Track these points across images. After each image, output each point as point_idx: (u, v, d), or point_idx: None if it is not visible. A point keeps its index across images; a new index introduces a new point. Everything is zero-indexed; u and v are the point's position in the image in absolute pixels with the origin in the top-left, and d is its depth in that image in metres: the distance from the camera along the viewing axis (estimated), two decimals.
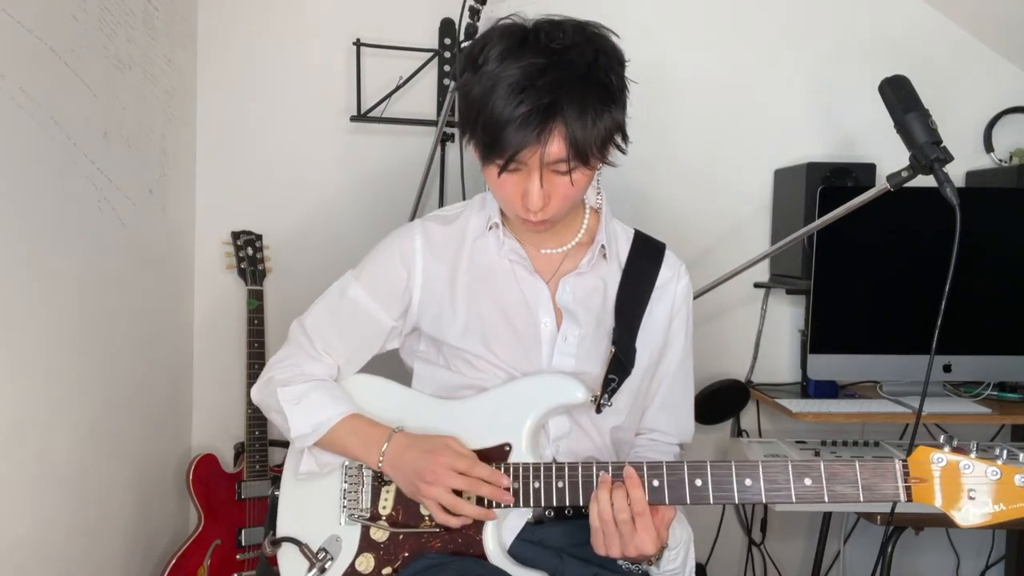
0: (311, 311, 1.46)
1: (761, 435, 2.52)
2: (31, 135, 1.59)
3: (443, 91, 2.36)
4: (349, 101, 2.37)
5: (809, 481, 1.17)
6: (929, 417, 2.13)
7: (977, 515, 1.10)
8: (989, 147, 2.51)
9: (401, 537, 1.33)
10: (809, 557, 2.48)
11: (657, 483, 1.21)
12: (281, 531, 1.41)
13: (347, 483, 1.38)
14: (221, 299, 2.40)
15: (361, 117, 2.32)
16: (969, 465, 1.11)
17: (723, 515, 2.54)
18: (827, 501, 1.16)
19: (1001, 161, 2.50)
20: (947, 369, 2.19)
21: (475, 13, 2.05)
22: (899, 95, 1.60)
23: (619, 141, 1.26)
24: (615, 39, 1.24)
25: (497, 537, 1.30)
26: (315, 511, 1.39)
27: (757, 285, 2.50)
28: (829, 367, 2.24)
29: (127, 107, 1.96)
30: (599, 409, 1.33)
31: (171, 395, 2.31)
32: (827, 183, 2.24)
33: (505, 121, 1.16)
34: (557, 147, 1.18)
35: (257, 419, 2.24)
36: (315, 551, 1.35)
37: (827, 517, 2.34)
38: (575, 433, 1.37)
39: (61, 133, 1.69)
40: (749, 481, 1.18)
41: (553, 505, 1.27)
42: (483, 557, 1.29)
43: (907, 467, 1.14)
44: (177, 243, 2.32)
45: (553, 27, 1.20)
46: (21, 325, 1.58)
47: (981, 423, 2.21)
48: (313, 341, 1.43)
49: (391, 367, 1.49)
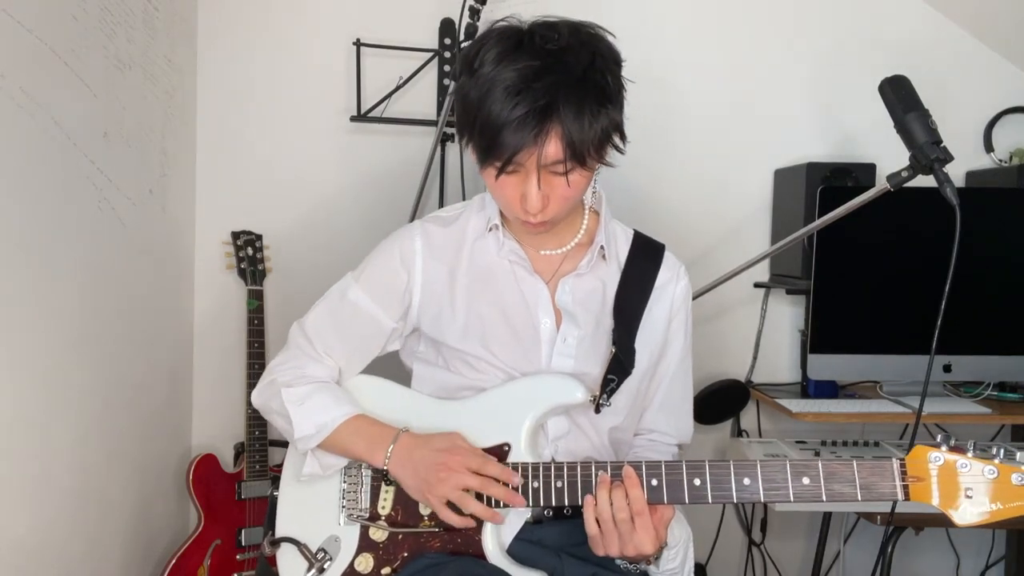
0: (311, 313, 1.46)
1: (761, 435, 2.52)
2: (31, 135, 1.59)
3: (443, 91, 2.36)
4: (349, 101, 2.37)
5: (807, 480, 1.17)
6: (929, 417, 2.13)
7: (974, 514, 1.10)
8: (989, 147, 2.51)
9: (400, 537, 1.33)
10: (809, 557, 2.48)
11: (656, 482, 1.21)
12: (280, 531, 1.41)
13: (346, 483, 1.38)
14: (221, 299, 2.40)
15: (361, 117, 2.32)
16: (966, 464, 1.11)
17: (723, 515, 2.54)
18: (825, 500, 1.16)
19: (1001, 161, 2.50)
20: (947, 369, 2.19)
21: (475, 13, 2.05)
22: (899, 95, 1.59)
23: (617, 141, 1.26)
24: (611, 39, 1.24)
25: (496, 537, 1.30)
26: (314, 511, 1.39)
27: (757, 285, 2.50)
28: (829, 367, 2.24)
29: (127, 107, 1.97)
30: (598, 409, 1.33)
31: (171, 395, 2.31)
32: (827, 183, 2.24)
33: (502, 124, 1.16)
34: (554, 148, 1.17)
35: (257, 419, 2.24)
36: (314, 551, 1.35)
37: (827, 517, 2.34)
38: (574, 433, 1.37)
39: (61, 133, 1.69)
40: (747, 480, 1.19)
41: (552, 505, 1.27)
42: (482, 557, 1.29)
43: (904, 466, 1.14)
44: (177, 243, 2.32)
45: (549, 29, 1.20)
46: (21, 325, 1.58)
47: (981, 423, 2.21)
48: (314, 343, 1.43)
49: (391, 368, 1.49)
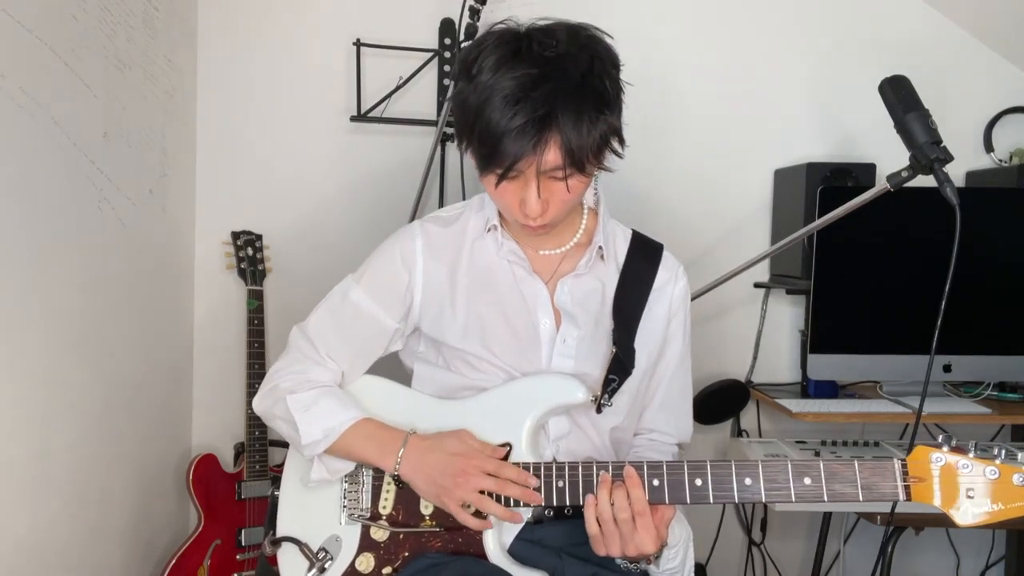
0: (312, 316, 1.45)
1: (761, 435, 2.52)
2: (31, 135, 1.59)
3: (443, 91, 2.36)
4: (349, 101, 2.37)
5: (808, 480, 1.17)
6: (929, 417, 2.13)
7: (975, 514, 1.10)
8: (989, 147, 2.51)
9: (401, 537, 1.33)
10: (809, 557, 2.48)
11: (657, 482, 1.21)
12: (281, 531, 1.41)
13: (347, 483, 1.38)
14: (221, 299, 2.40)
15: (361, 117, 2.32)
16: (968, 464, 1.11)
17: (723, 515, 2.54)
18: (827, 500, 1.16)
19: (1001, 161, 2.50)
20: (947, 369, 2.19)
21: (475, 13, 2.05)
22: (899, 95, 1.59)
23: (615, 146, 1.25)
24: (609, 41, 1.24)
25: (497, 536, 1.30)
26: (315, 511, 1.39)
27: (757, 285, 2.50)
28: (829, 367, 2.24)
29: (127, 107, 1.96)
30: (599, 409, 1.33)
31: (171, 395, 2.31)
32: (827, 183, 2.24)
33: (501, 132, 1.16)
34: (553, 156, 1.17)
35: (257, 419, 2.23)
36: (315, 551, 1.35)
37: (827, 517, 2.34)
38: (574, 433, 1.38)
39: (61, 133, 1.69)
40: (749, 480, 1.19)
41: (553, 504, 1.27)
42: (483, 556, 1.29)
43: (906, 466, 1.14)
44: (177, 243, 2.32)
45: (546, 35, 1.19)
46: (21, 325, 1.58)
47: (981, 423, 2.21)
48: (316, 346, 1.42)
49: (391, 369, 1.49)
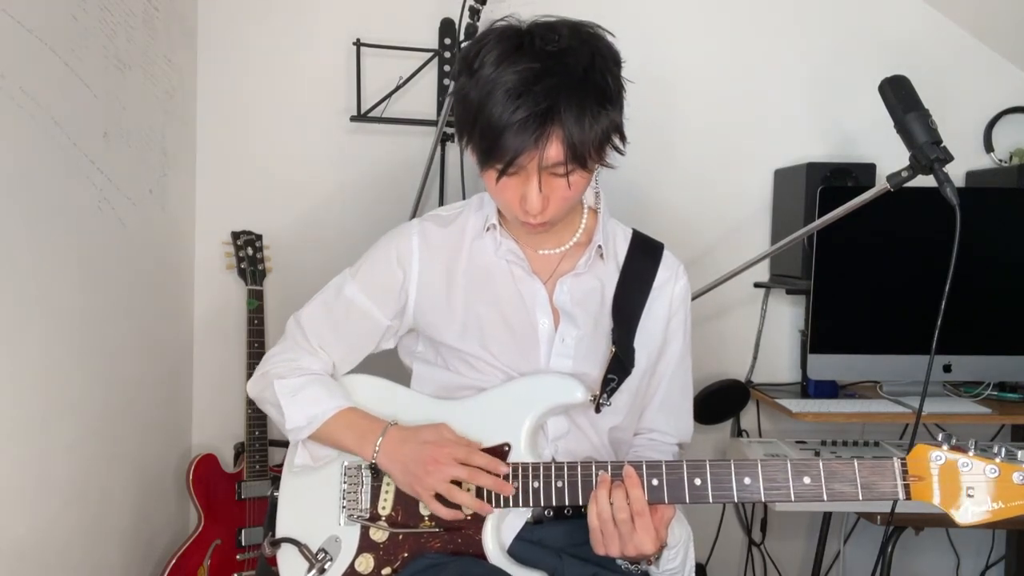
0: (307, 307, 1.47)
1: (761, 435, 2.52)
2: (31, 135, 1.59)
3: (443, 91, 2.36)
4: (349, 101, 2.37)
5: (808, 480, 1.17)
6: (929, 417, 2.13)
7: (976, 513, 1.10)
8: (989, 147, 2.51)
9: (400, 537, 1.33)
10: (809, 557, 2.48)
11: (656, 482, 1.21)
12: (280, 531, 1.41)
13: (347, 483, 1.38)
14: (221, 299, 2.40)
15: (361, 117, 2.32)
16: (968, 463, 1.11)
17: (723, 515, 2.54)
18: (826, 500, 1.16)
19: (1001, 161, 2.50)
20: (947, 369, 2.19)
21: (475, 13, 2.05)
22: (899, 95, 1.59)
23: (617, 142, 1.26)
24: (611, 39, 1.24)
25: (496, 537, 1.30)
26: (314, 511, 1.39)
27: (757, 285, 2.50)
28: (829, 367, 2.24)
29: (127, 107, 1.96)
30: (599, 409, 1.33)
31: (171, 395, 2.31)
32: (827, 183, 2.24)
33: (503, 127, 1.16)
34: (555, 151, 1.17)
35: (257, 419, 2.24)
36: (314, 551, 1.35)
37: (827, 517, 2.34)
38: (573, 433, 1.37)
39: (61, 133, 1.69)
40: (748, 480, 1.19)
41: (552, 504, 1.27)
42: (482, 557, 1.29)
43: (906, 465, 1.14)
44: (177, 243, 2.32)
45: (548, 30, 1.19)
46: (21, 325, 1.58)
47: (981, 423, 2.21)
48: (308, 337, 1.44)
49: (391, 368, 1.49)
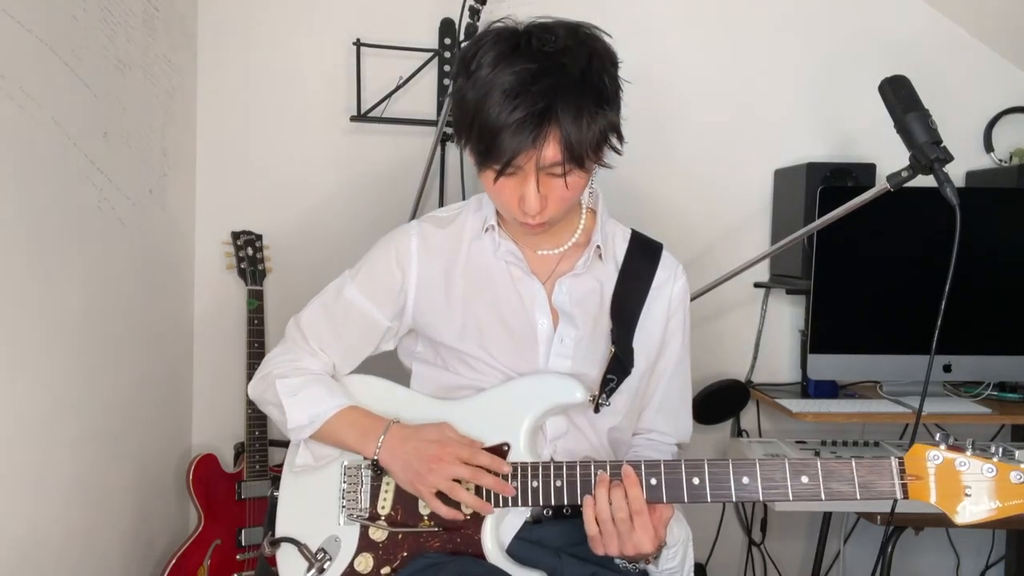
0: (307, 309, 1.47)
1: (761, 435, 2.52)
2: (31, 135, 1.59)
3: (443, 91, 2.36)
4: (349, 101, 2.37)
5: (806, 479, 1.17)
6: (929, 417, 2.13)
7: (973, 512, 1.10)
8: (989, 147, 2.51)
9: (400, 537, 1.33)
10: (809, 557, 2.48)
11: (655, 481, 1.21)
12: (280, 531, 1.41)
13: (346, 483, 1.38)
14: (221, 299, 2.40)
15: (361, 117, 2.32)
16: (965, 463, 1.11)
17: (723, 515, 2.54)
18: (824, 499, 1.16)
19: (1001, 161, 2.50)
20: (947, 369, 2.19)
21: (475, 13, 2.05)
22: (899, 95, 1.59)
23: (614, 142, 1.26)
24: (608, 39, 1.24)
25: (496, 536, 1.30)
26: (314, 511, 1.39)
27: (757, 285, 2.50)
28: (829, 367, 2.24)
29: (127, 107, 1.97)
30: (598, 409, 1.33)
31: (171, 395, 2.31)
32: (827, 183, 2.24)
33: (500, 127, 1.16)
34: (552, 151, 1.18)
35: (257, 419, 2.24)
36: (314, 551, 1.35)
37: (827, 517, 2.34)
38: (572, 433, 1.37)
39: (61, 133, 1.69)
40: (746, 479, 1.19)
41: (551, 504, 1.27)
42: (482, 556, 1.29)
43: (903, 464, 1.14)
44: (177, 243, 2.32)
45: (546, 31, 1.20)
46: (21, 325, 1.58)
47: (981, 423, 2.21)
48: (308, 339, 1.44)
49: (391, 368, 1.49)
